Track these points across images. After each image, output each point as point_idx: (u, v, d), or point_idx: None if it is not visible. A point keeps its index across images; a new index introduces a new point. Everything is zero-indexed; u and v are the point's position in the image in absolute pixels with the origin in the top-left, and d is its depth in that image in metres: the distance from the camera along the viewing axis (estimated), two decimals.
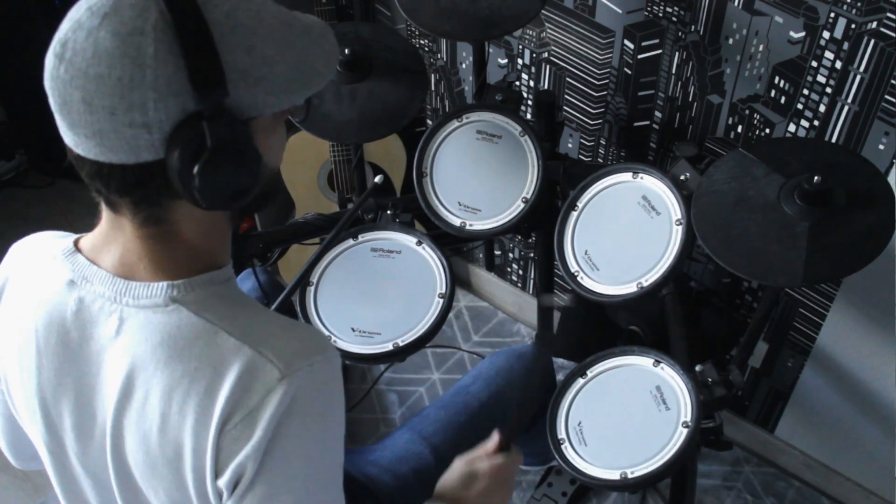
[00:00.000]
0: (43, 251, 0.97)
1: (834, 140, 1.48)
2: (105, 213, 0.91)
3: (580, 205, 1.50)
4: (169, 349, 0.87)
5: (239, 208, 0.90)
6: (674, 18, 1.56)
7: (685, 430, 1.31)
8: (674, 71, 1.63)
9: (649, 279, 1.39)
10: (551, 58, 1.80)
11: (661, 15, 1.57)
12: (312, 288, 1.45)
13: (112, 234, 0.91)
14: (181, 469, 0.88)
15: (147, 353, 0.87)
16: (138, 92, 0.78)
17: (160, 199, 0.85)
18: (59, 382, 0.94)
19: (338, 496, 0.95)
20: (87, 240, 0.95)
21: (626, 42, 1.66)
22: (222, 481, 0.86)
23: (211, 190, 0.82)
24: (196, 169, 0.80)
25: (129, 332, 0.89)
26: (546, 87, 1.86)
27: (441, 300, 1.44)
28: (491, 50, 1.89)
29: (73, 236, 0.97)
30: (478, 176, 1.55)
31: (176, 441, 0.87)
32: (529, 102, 1.90)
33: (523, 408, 1.30)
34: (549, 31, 1.76)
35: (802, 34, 1.41)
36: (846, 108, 1.44)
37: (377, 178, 1.48)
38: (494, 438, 1.21)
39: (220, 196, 0.83)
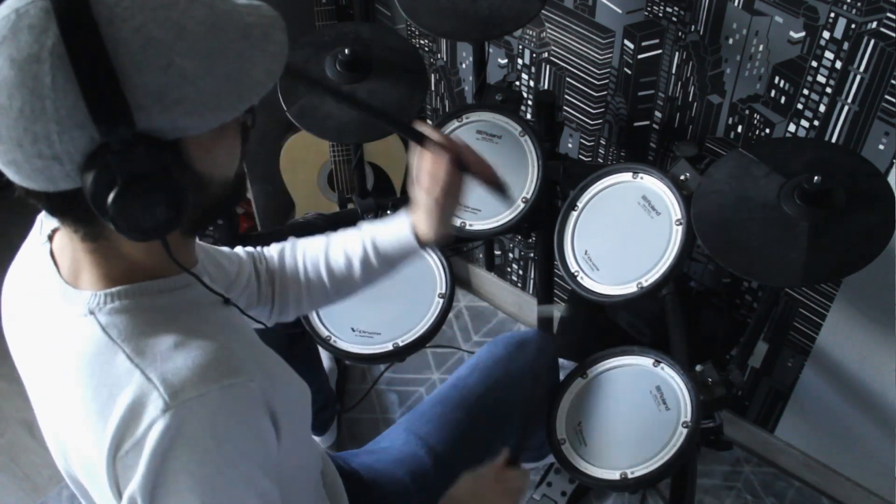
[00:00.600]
0: (33, 241, 0.98)
1: (834, 140, 1.48)
2: None
3: (580, 205, 1.50)
4: (77, 361, 0.84)
5: (168, 234, 0.81)
6: (674, 18, 1.56)
7: (685, 430, 1.31)
8: (674, 71, 1.63)
9: (649, 279, 1.39)
10: (551, 58, 1.80)
11: (661, 15, 1.57)
12: None
13: (66, 240, 0.90)
14: (99, 482, 0.86)
15: (66, 362, 0.86)
16: (40, 124, 0.72)
17: (93, 218, 0.79)
18: (33, 374, 0.95)
19: None
20: (58, 238, 0.94)
21: (626, 42, 1.66)
22: None
23: (128, 223, 0.76)
24: (108, 202, 0.74)
25: (60, 336, 0.88)
26: (546, 87, 1.86)
27: (441, 300, 1.44)
28: (491, 50, 1.89)
29: (54, 224, 0.95)
30: None
31: (87, 458, 0.86)
32: (529, 102, 1.90)
33: (527, 405, 1.29)
34: (549, 31, 1.76)
35: (802, 34, 1.41)
36: (846, 108, 1.44)
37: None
38: (503, 455, 1.20)
39: (138, 229, 0.77)
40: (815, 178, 1.23)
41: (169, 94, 0.74)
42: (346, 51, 1.54)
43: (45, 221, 0.97)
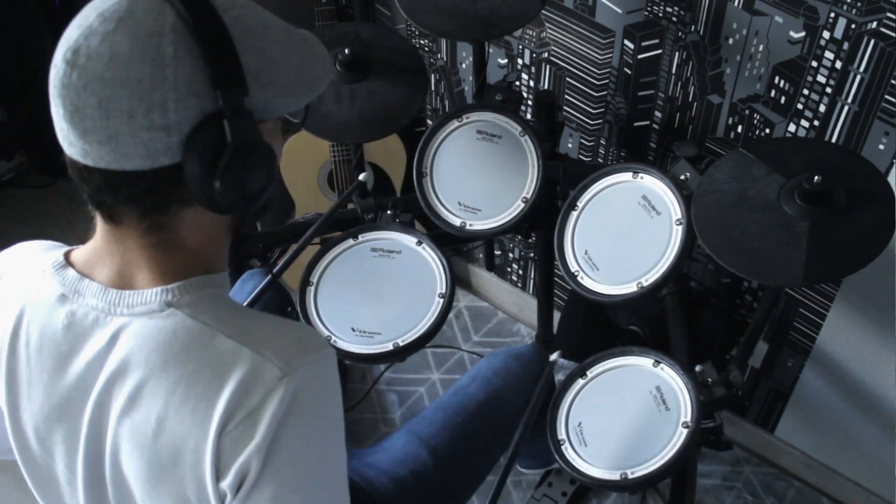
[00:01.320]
0: (31, 264, 0.96)
1: (834, 140, 1.48)
2: (102, 228, 0.90)
3: (580, 205, 1.50)
4: (165, 353, 0.86)
5: (246, 213, 0.91)
6: (674, 18, 1.56)
7: (685, 431, 1.31)
8: (674, 71, 1.63)
9: (649, 279, 1.39)
10: (551, 58, 1.80)
11: (661, 15, 1.57)
12: (312, 288, 1.45)
13: (108, 247, 0.90)
14: (179, 475, 0.88)
15: (142, 358, 0.87)
16: (159, 93, 0.78)
17: (169, 205, 0.85)
18: (46, 396, 0.93)
19: (343, 493, 0.95)
20: (80, 253, 0.94)
21: (626, 42, 1.66)
22: (226, 483, 0.86)
23: (231, 189, 0.82)
24: (218, 169, 0.81)
25: (124, 340, 0.88)
26: (546, 87, 1.86)
27: (441, 300, 1.44)
28: (491, 50, 1.89)
29: (62, 248, 0.96)
30: (478, 176, 1.55)
31: (173, 446, 0.87)
32: (529, 102, 1.90)
33: (524, 410, 1.29)
34: (549, 31, 1.76)
35: (802, 34, 1.41)
36: (846, 108, 1.44)
37: (362, 176, 1.48)
38: None
39: (238, 196, 0.84)
40: (815, 178, 1.23)
41: (264, 75, 0.83)
42: (346, 51, 1.54)
43: (42, 253, 0.96)
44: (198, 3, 0.80)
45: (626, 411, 1.37)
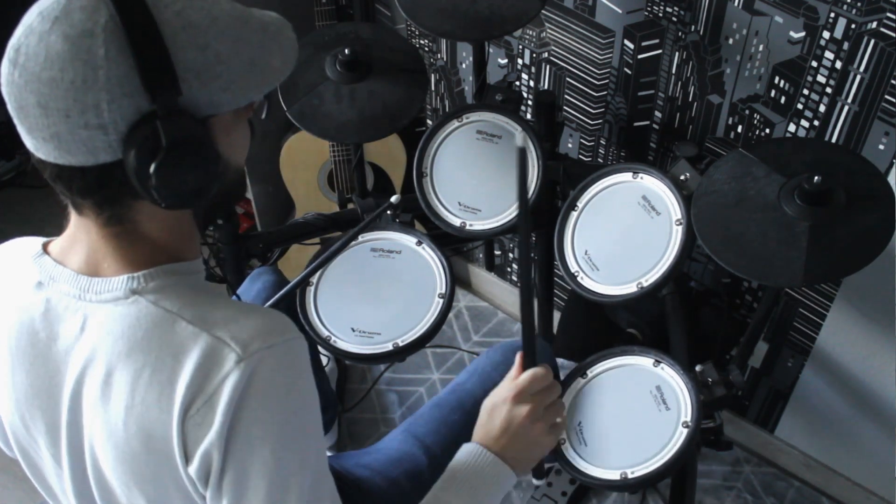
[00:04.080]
0: (14, 255, 0.98)
1: (834, 140, 1.48)
2: (72, 215, 0.92)
3: (580, 205, 1.50)
4: (129, 340, 0.87)
5: (201, 206, 0.90)
6: (674, 18, 1.56)
7: (685, 430, 1.31)
8: (674, 71, 1.63)
9: (649, 279, 1.39)
10: (551, 58, 1.81)
11: (661, 15, 1.57)
12: (312, 288, 1.45)
13: (78, 234, 0.92)
14: (154, 465, 0.88)
15: (109, 346, 0.88)
16: (91, 94, 0.78)
17: (122, 198, 0.86)
18: (30, 384, 0.94)
19: (319, 478, 0.93)
20: (56, 242, 0.96)
21: (626, 42, 1.66)
22: (192, 469, 0.86)
23: (168, 188, 0.82)
24: (152, 168, 0.80)
25: (93, 327, 0.89)
26: (546, 87, 1.86)
27: (441, 300, 1.44)
28: (491, 50, 1.89)
29: (43, 239, 0.98)
30: (478, 176, 1.55)
31: (143, 434, 0.87)
32: (529, 102, 1.90)
33: None
34: (549, 31, 1.76)
35: (802, 34, 1.41)
36: (846, 108, 1.44)
37: (394, 198, 1.45)
38: (517, 360, 1.12)
39: (178, 195, 0.83)
40: (815, 178, 1.23)
41: (206, 71, 0.82)
42: (346, 51, 1.54)
43: (24, 245, 0.98)
44: (131, 2, 0.79)
45: (626, 411, 1.37)
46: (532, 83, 1.89)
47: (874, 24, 1.32)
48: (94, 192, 0.85)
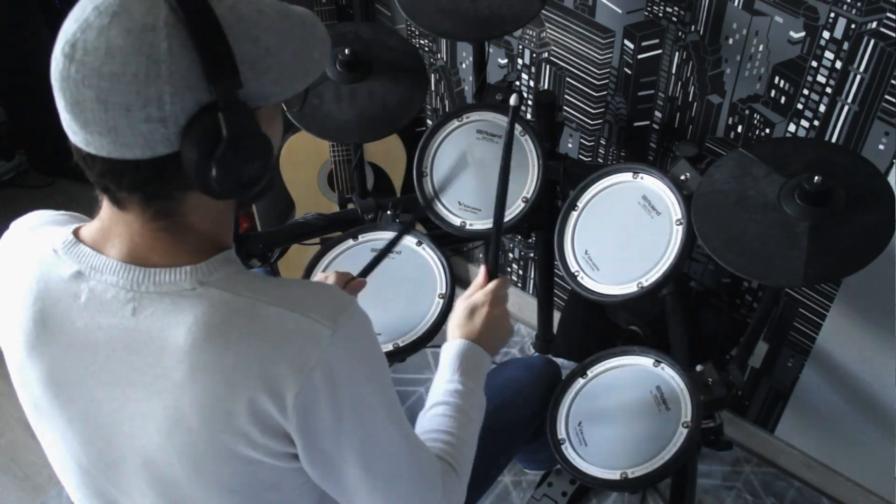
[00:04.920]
0: (41, 240, 0.97)
1: (834, 140, 1.48)
2: (107, 208, 0.91)
3: (580, 205, 1.50)
4: (206, 327, 0.87)
5: (250, 196, 0.93)
6: (674, 18, 1.56)
7: (685, 430, 1.31)
8: (674, 71, 1.63)
9: (649, 279, 1.39)
10: (551, 58, 1.80)
11: (661, 15, 1.57)
12: None
13: (115, 228, 0.91)
14: (229, 442, 0.89)
15: (180, 335, 0.87)
16: (154, 87, 0.79)
17: (171, 191, 0.87)
18: (65, 371, 0.94)
19: (403, 426, 1.04)
20: (88, 231, 0.95)
21: (626, 42, 1.66)
22: (284, 441, 0.91)
23: (227, 179, 0.84)
24: (214, 159, 0.82)
25: (154, 317, 0.89)
26: (546, 87, 1.86)
27: (441, 300, 1.44)
28: (491, 50, 1.89)
29: (71, 224, 0.97)
30: (478, 176, 1.55)
31: (225, 412, 0.88)
32: (529, 102, 1.90)
33: (530, 420, 1.28)
34: (549, 31, 1.76)
35: (802, 34, 1.41)
36: (846, 108, 1.44)
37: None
38: (481, 272, 1.30)
39: (235, 184, 0.85)
40: (815, 178, 1.23)
41: (259, 63, 0.84)
42: (346, 51, 1.54)
43: (52, 229, 0.97)
44: None
45: (627, 411, 1.38)
46: (532, 83, 1.89)
47: (874, 24, 1.32)
48: (146, 185, 0.86)
